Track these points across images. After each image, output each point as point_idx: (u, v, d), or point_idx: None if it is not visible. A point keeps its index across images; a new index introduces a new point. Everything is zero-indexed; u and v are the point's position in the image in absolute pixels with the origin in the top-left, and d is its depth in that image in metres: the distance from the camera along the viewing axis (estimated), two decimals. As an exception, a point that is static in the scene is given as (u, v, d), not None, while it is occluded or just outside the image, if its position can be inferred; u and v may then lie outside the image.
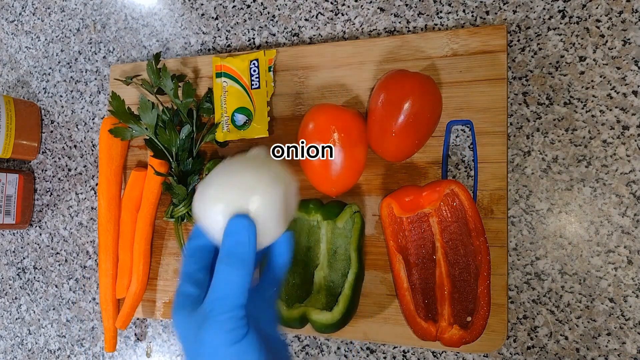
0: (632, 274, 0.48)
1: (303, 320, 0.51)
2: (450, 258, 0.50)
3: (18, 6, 0.79)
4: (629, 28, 0.49)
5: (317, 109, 0.53)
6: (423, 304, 0.51)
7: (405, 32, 0.57)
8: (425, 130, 0.50)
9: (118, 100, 0.60)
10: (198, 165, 0.60)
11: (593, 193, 0.50)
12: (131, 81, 0.62)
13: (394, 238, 0.51)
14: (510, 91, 0.52)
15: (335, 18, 0.60)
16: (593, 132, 0.50)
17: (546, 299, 0.50)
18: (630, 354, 0.48)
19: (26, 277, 0.75)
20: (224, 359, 0.33)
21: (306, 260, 0.55)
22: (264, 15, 0.63)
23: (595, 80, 0.50)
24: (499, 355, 0.52)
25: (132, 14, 0.70)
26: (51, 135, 0.74)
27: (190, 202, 0.58)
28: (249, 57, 0.59)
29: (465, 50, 0.52)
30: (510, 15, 0.53)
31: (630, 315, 0.48)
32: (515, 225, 0.52)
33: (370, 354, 0.56)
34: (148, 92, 0.62)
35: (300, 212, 0.55)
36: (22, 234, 0.76)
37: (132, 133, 0.61)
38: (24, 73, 0.77)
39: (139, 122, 0.60)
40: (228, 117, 0.59)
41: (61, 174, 0.73)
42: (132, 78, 0.62)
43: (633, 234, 0.48)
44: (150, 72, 0.59)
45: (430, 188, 0.49)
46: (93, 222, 0.71)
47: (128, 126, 0.60)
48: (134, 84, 0.64)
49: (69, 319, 0.72)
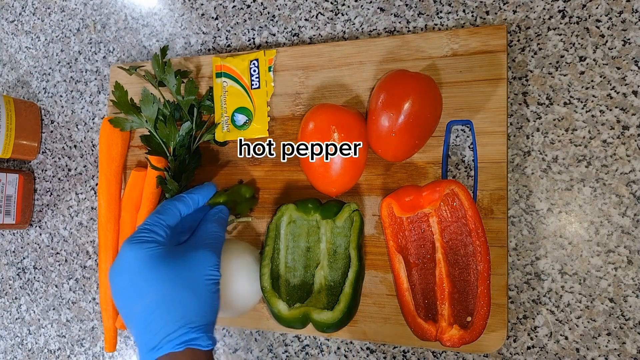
0: (632, 274, 0.48)
1: (304, 320, 0.51)
2: (450, 258, 0.50)
3: (18, 6, 0.79)
4: (629, 28, 0.49)
5: (317, 109, 0.53)
6: (423, 304, 0.51)
7: (405, 32, 0.57)
8: (425, 130, 0.50)
9: (121, 90, 0.60)
10: (194, 163, 0.60)
11: (593, 193, 0.50)
12: (134, 71, 0.62)
13: (394, 238, 0.51)
14: (510, 91, 0.52)
15: (335, 18, 0.60)
16: (593, 132, 0.50)
17: (546, 299, 0.50)
18: (630, 354, 0.48)
19: (26, 277, 0.75)
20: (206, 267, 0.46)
21: (306, 260, 0.55)
22: (264, 15, 0.63)
23: (595, 80, 0.50)
24: (499, 355, 0.52)
25: (132, 14, 0.70)
26: (51, 135, 0.74)
27: None
28: (249, 57, 0.59)
29: (465, 50, 0.52)
30: (510, 15, 0.53)
31: (630, 315, 0.48)
32: (515, 225, 0.52)
33: (370, 354, 0.56)
34: (151, 85, 0.62)
35: (299, 212, 0.55)
36: (22, 234, 0.76)
37: (132, 125, 0.61)
38: (24, 73, 0.77)
39: (139, 114, 0.60)
40: (228, 117, 0.59)
41: (61, 174, 0.73)
42: (135, 69, 0.62)
43: (633, 234, 0.48)
44: (155, 65, 0.59)
45: (430, 188, 0.49)
46: (93, 222, 0.71)
47: (128, 118, 0.60)
48: (136, 75, 0.64)
49: (69, 319, 0.72)
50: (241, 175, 0.60)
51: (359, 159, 0.52)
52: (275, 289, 0.53)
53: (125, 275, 0.44)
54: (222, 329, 0.63)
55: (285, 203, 0.55)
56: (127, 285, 0.44)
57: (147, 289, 0.42)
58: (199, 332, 0.42)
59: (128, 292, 0.43)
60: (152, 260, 0.43)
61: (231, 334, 0.63)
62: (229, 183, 0.61)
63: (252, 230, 0.60)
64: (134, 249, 0.44)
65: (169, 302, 0.42)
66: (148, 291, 0.42)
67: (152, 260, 0.43)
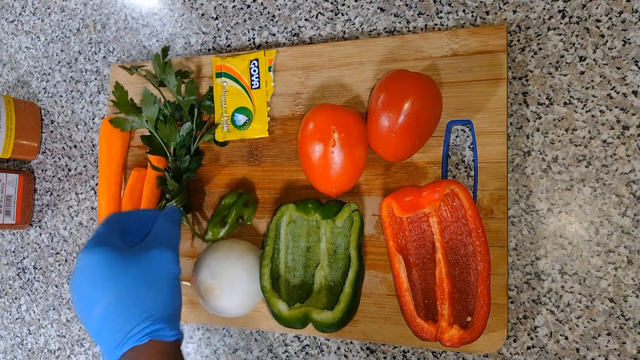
0: (632, 274, 0.48)
1: (305, 321, 0.51)
2: (450, 258, 0.50)
3: (18, 6, 0.79)
4: (629, 28, 0.49)
5: (317, 109, 0.53)
6: (423, 304, 0.51)
7: (405, 32, 0.57)
8: (425, 130, 0.50)
9: (121, 90, 0.60)
10: (195, 164, 0.60)
11: (593, 193, 0.50)
12: (135, 71, 0.62)
13: (394, 238, 0.51)
14: (510, 91, 0.52)
15: (335, 18, 0.60)
16: (593, 132, 0.50)
17: (546, 299, 0.50)
18: (630, 354, 0.48)
19: (26, 277, 0.75)
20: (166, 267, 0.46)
21: (306, 260, 0.55)
22: (264, 15, 0.63)
23: (595, 80, 0.50)
24: (499, 355, 0.52)
25: (132, 14, 0.70)
26: (51, 135, 0.74)
27: (183, 199, 0.58)
28: (249, 57, 0.59)
29: (465, 50, 0.52)
30: (510, 15, 0.53)
31: (630, 315, 0.48)
32: (515, 225, 0.52)
33: (370, 354, 0.56)
34: (151, 84, 0.62)
35: (299, 212, 0.55)
36: (22, 234, 0.76)
37: (133, 125, 0.61)
38: (24, 73, 0.77)
39: (140, 114, 0.60)
40: (228, 117, 0.59)
41: (61, 174, 0.73)
42: (137, 68, 0.62)
43: (633, 234, 0.48)
44: (156, 65, 0.59)
45: (430, 188, 0.49)
46: (93, 222, 0.71)
47: (129, 118, 0.60)
48: (137, 74, 0.64)
49: (69, 319, 0.72)
50: (241, 175, 0.60)
51: (359, 159, 0.52)
52: (275, 289, 0.53)
53: (85, 279, 0.44)
54: (222, 329, 0.63)
55: (285, 203, 0.55)
56: (87, 289, 0.44)
57: (107, 290, 0.43)
58: (161, 323, 0.42)
59: (88, 296, 0.44)
60: (110, 260, 0.44)
61: (231, 334, 0.63)
62: (229, 183, 0.61)
63: (253, 230, 0.60)
64: (91, 253, 0.44)
65: (130, 299, 0.43)
66: (108, 291, 0.43)
67: (110, 260, 0.44)
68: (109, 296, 0.42)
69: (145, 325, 0.42)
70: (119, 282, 0.43)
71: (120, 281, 0.43)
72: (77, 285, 0.45)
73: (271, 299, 0.52)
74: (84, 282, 0.44)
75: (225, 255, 0.54)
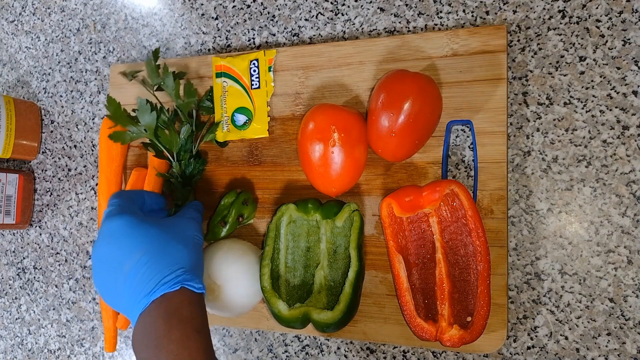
0: (632, 274, 0.48)
1: (305, 320, 0.51)
2: (450, 258, 0.50)
3: (18, 6, 0.79)
4: (629, 28, 0.49)
5: (317, 109, 0.53)
6: (423, 304, 0.51)
7: (405, 32, 0.57)
8: (425, 130, 0.50)
9: (114, 104, 0.58)
10: (200, 166, 0.59)
11: (593, 193, 0.50)
12: (133, 78, 0.62)
13: (394, 238, 0.51)
14: (510, 91, 0.52)
15: (335, 18, 0.60)
16: (593, 132, 0.50)
17: (546, 299, 0.50)
18: (630, 354, 0.48)
19: (26, 277, 0.75)
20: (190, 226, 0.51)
21: (306, 260, 0.55)
22: (264, 15, 0.63)
23: (595, 80, 0.50)
24: (499, 355, 0.52)
25: (132, 14, 0.70)
26: (51, 135, 0.74)
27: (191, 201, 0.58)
28: (249, 57, 0.59)
29: (465, 50, 0.52)
30: (510, 15, 0.53)
31: (630, 315, 0.48)
32: (515, 225, 0.52)
33: (370, 354, 0.56)
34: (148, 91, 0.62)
35: (299, 212, 0.55)
36: (22, 234, 0.76)
37: (132, 136, 0.59)
38: (24, 73, 0.77)
39: (137, 124, 0.58)
40: (228, 117, 0.59)
41: (61, 174, 0.73)
42: (134, 74, 0.62)
43: (633, 234, 0.48)
44: (149, 70, 0.59)
45: (430, 188, 0.49)
46: (93, 222, 0.71)
47: (127, 129, 0.59)
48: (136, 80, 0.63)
49: (69, 319, 0.72)
50: (241, 175, 0.60)
51: (359, 159, 0.52)
52: (275, 289, 0.53)
53: (114, 241, 0.46)
54: (222, 329, 0.63)
55: (285, 203, 0.55)
56: (115, 250, 0.45)
57: (137, 247, 0.45)
58: (191, 274, 0.45)
59: (114, 257, 0.45)
60: (138, 223, 0.46)
61: (231, 334, 0.63)
62: (229, 183, 0.61)
63: (253, 230, 0.60)
64: (117, 219, 0.46)
65: (161, 253, 0.45)
66: (138, 248, 0.45)
67: (137, 223, 0.46)
68: (139, 252, 0.44)
69: (178, 274, 0.44)
70: (148, 240, 0.45)
71: (150, 239, 0.45)
72: (104, 248, 0.46)
73: (271, 299, 0.52)
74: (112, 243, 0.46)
75: (225, 255, 0.54)
